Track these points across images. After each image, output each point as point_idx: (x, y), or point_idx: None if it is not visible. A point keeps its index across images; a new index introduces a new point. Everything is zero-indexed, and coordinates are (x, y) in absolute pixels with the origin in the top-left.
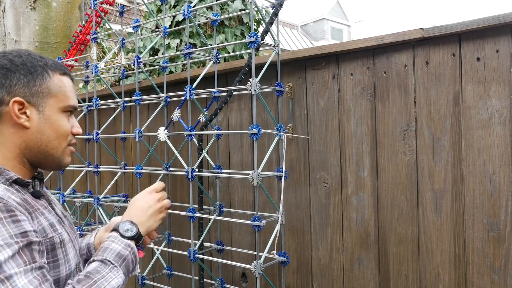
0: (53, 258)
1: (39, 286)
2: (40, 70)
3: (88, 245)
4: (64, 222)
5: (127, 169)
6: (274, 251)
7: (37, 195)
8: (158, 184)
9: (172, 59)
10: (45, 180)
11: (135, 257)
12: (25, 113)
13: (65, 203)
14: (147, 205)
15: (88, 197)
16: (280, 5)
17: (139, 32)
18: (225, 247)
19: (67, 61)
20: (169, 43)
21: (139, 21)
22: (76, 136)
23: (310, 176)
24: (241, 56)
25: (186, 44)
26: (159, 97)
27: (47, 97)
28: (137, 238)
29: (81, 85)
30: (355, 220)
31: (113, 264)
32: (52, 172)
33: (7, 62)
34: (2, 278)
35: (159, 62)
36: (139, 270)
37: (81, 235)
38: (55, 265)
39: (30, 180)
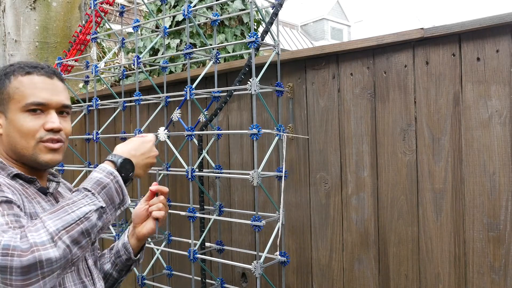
0: None
1: (4, 225)
2: (3, 78)
3: (124, 244)
4: None
5: None
6: (277, 252)
7: (43, 192)
8: (152, 136)
9: (172, 59)
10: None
11: (120, 186)
12: None
13: None
14: (148, 153)
15: None
16: (280, 5)
17: (139, 32)
18: (225, 247)
19: (67, 61)
20: (169, 43)
21: (139, 21)
22: (66, 136)
23: (310, 176)
24: (241, 56)
25: (186, 44)
26: (159, 97)
27: (8, 102)
28: (128, 178)
29: (81, 85)
30: (355, 220)
31: (89, 190)
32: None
33: None
34: None
35: (159, 62)
36: (129, 202)
37: None
38: None
39: (34, 177)
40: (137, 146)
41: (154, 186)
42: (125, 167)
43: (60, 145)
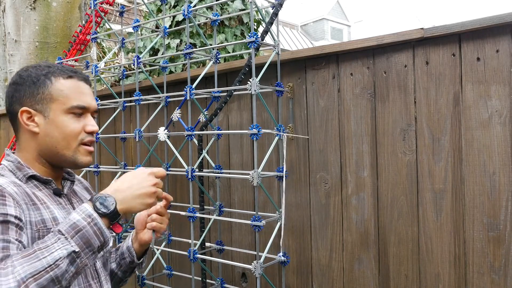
0: None
1: None
2: (43, 78)
3: (128, 248)
4: None
5: (127, 169)
6: (281, 253)
7: (57, 193)
8: (160, 170)
9: (172, 59)
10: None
11: (99, 229)
12: (33, 120)
13: None
14: (138, 184)
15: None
16: (280, 5)
17: (139, 32)
18: (225, 247)
19: (67, 61)
20: (169, 43)
21: (139, 21)
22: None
23: (310, 176)
24: (241, 56)
25: (186, 44)
26: (159, 97)
27: (50, 102)
28: (112, 216)
29: None
30: (355, 220)
31: (62, 234)
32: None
33: (17, 78)
34: None
35: (159, 62)
36: (110, 244)
37: None
38: None
39: (50, 178)
40: (125, 180)
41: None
42: (104, 205)
43: (93, 147)
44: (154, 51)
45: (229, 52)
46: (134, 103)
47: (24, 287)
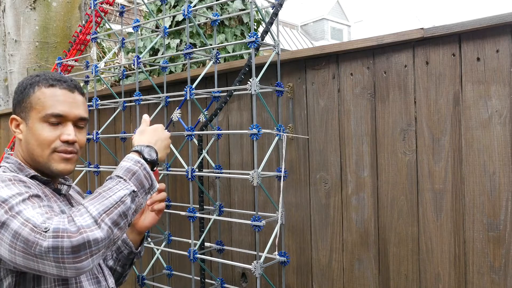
0: None
1: (45, 214)
2: (28, 88)
3: (123, 240)
4: None
5: None
6: (276, 252)
7: (57, 193)
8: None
9: (172, 59)
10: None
11: (148, 173)
12: (19, 127)
13: None
14: (163, 138)
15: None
16: (280, 5)
17: (139, 32)
18: (225, 247)
19: (67, 61)
20: (169, 43)
21: (139, 21)
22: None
23: (310, 176)
24: (241, 56)
25: (186, 44)
26: (159, 97)
27: (30, 110)
28: (154, 162)
29: (81, 85)
30: (355, 220)
31: (121, 177)
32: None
33: (16, 87)
34: (13, 213)
35: (159, 62)
36: (157, 186)
37: None
38: None
39: (49, 179)
40: (153, 134)
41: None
42: (150, 154)
43: (73, 155)
44: (154, 51)
45: (229, 52)
46: (134, 103)
47: (100, 221)
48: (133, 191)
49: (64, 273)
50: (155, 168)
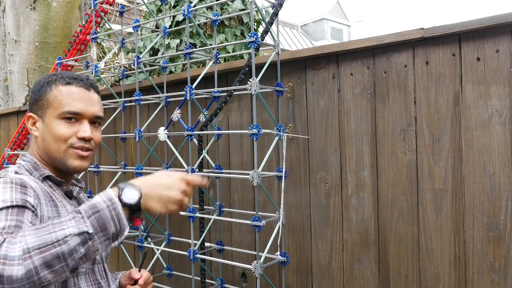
0: None
1: (3, 229)
2: (45, 86)
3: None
4: None
5: (127, 169)
6: (278, 253)
7: (69, 196)
8: (194, 177)
9: (172, 59)
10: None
11: (117, 215)
12: (35, 125)
13: None
14: (168, 186)
15: (88, 197)
16: (280, 5)
17: (139, 32)
18: (225, 247)
19: (67, 61)
20: (169, 43)
21: (139, 21)
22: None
23: (310, 176)
24: (241, 56)
25: (186, 44)
26: (159, 97)
27: (46, 108)
28: (133, 208)
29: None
30: (355, 220)
31: (79, 213)
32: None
33: (32, 86)
34: None
35: (159, 62)
36: (125, 233)
37: None
38: None
39: (63, 180)
40: (157, 178)
41: (142, 279)
42: (129, 196)
43: (89, 153)
44: (154, 51)
45: (229, 52)
46: (134, 103)
47: (28, 257)
48: (87, 232)
49: None
50: (140, 214)
